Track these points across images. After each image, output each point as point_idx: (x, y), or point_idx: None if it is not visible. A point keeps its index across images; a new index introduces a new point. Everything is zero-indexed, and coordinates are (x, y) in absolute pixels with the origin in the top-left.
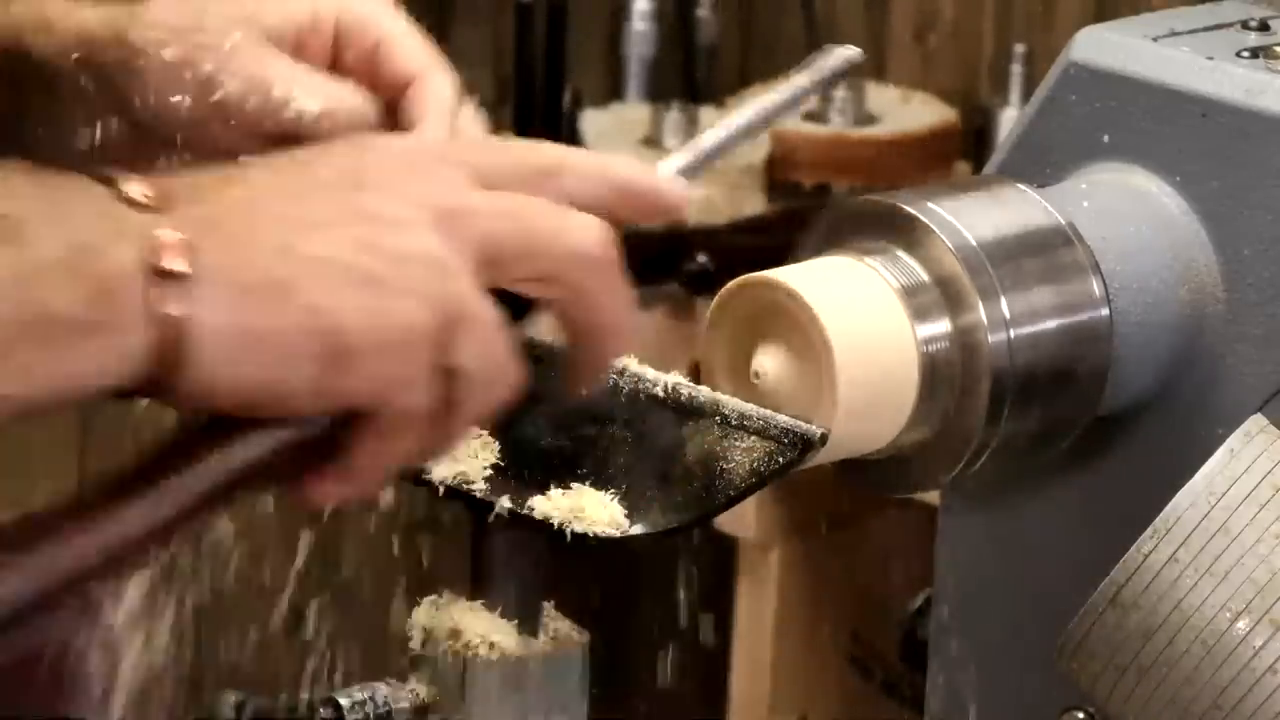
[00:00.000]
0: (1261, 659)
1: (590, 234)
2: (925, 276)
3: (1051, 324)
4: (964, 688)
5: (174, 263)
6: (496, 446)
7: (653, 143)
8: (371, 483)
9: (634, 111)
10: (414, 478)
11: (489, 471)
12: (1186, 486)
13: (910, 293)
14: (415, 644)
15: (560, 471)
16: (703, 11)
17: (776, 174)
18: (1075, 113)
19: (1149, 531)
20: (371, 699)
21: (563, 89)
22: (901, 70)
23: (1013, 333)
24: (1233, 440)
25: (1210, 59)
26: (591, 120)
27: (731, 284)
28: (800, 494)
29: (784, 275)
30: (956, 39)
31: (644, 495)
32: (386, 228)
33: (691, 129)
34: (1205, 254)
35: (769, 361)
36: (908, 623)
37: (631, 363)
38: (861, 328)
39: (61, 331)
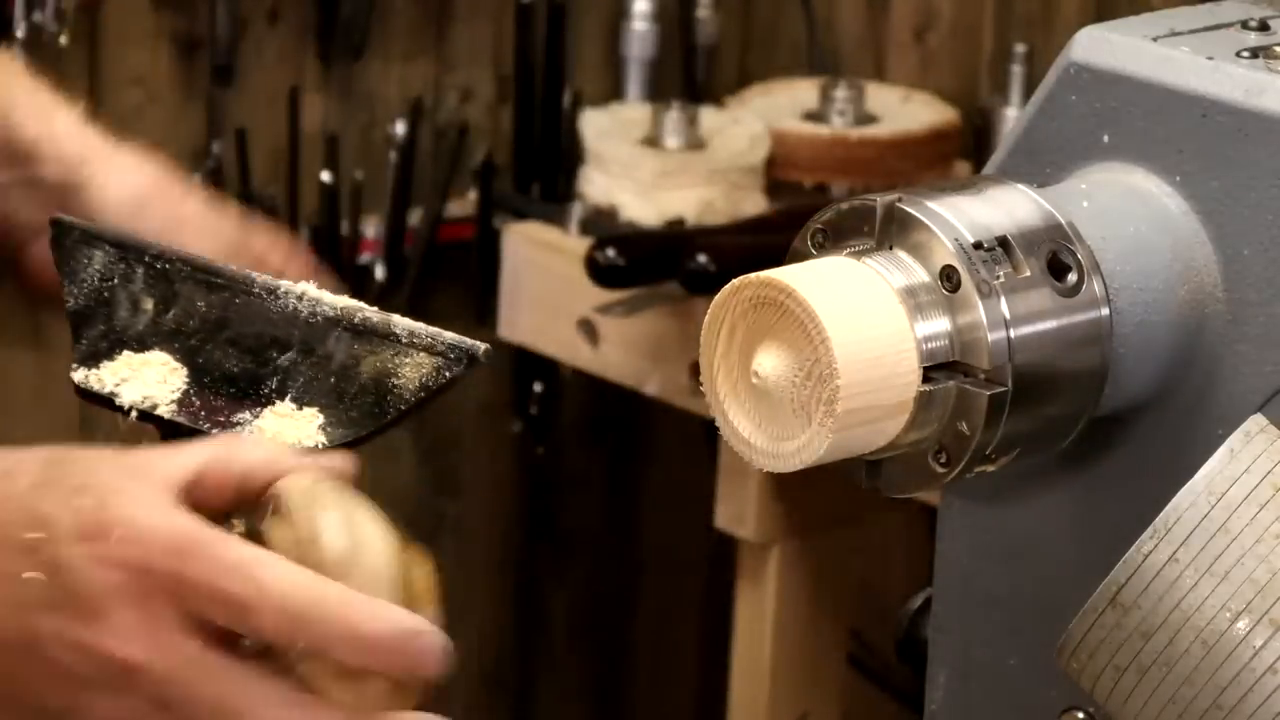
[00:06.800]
0: (1261, 659)
1: None
2: (925, 276)
3: (1051, 324)
4: (964, 688)
5: None
6: (184, 372)
7: (653, 142)
8: None
9: (634, 111)
10: (102, 401)
11: (177, 395)
12: (1186, 486)
13: (910, 292)
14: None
15: (244, 393)
16: (703, 11)
17: (776, 174)
18: (1075, 113)
19: (1149, 531)
20: None
21: (563, 89)
22: (901, 70)
23: (1012, 332)
24: (1233, 440)
25: (1210, 59)
26: (591, 120)
27: (731, 284)
28: (800, 494)
29: (784, 275)
30: (956, 39)
31: (322, 413)
32: None
33: (691, 128)
34: (1205, 254)
35: (768, 361)
36: (908, 623)
37: (310, 287)
38: (861, 328)
39: None
